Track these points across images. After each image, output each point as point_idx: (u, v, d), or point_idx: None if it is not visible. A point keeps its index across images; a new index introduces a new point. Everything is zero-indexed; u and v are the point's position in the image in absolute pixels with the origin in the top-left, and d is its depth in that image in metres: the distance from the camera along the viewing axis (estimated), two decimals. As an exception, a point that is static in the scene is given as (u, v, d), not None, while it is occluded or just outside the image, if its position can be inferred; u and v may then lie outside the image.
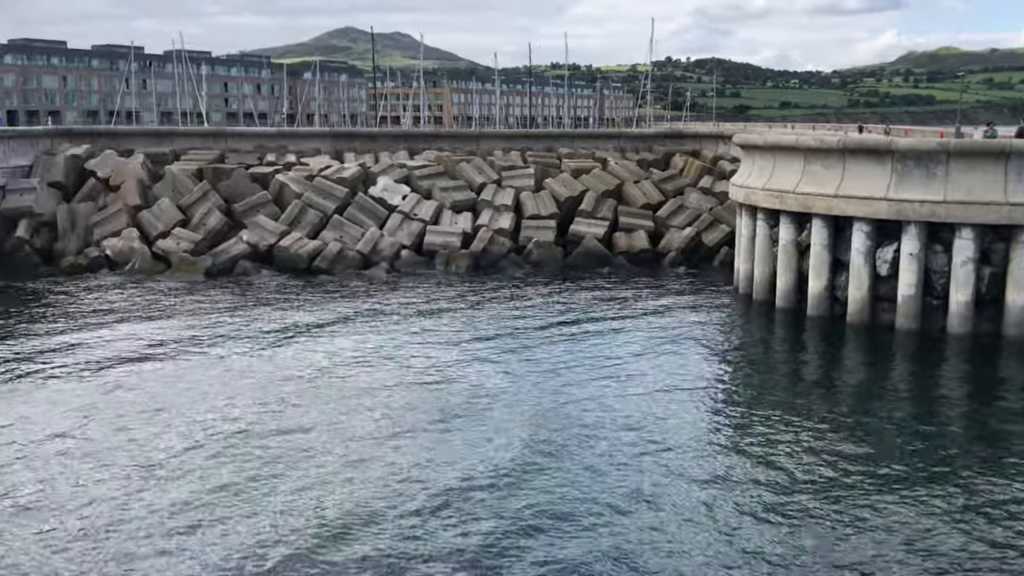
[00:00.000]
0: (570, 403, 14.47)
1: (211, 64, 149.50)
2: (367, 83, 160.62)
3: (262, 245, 26.97)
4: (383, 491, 10.99)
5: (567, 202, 29.86)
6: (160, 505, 10.62)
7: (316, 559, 9.37)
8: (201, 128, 47.28)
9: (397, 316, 20.95)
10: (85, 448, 12.45)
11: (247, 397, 14.70)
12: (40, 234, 28.24)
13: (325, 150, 33.63)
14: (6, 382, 15.58)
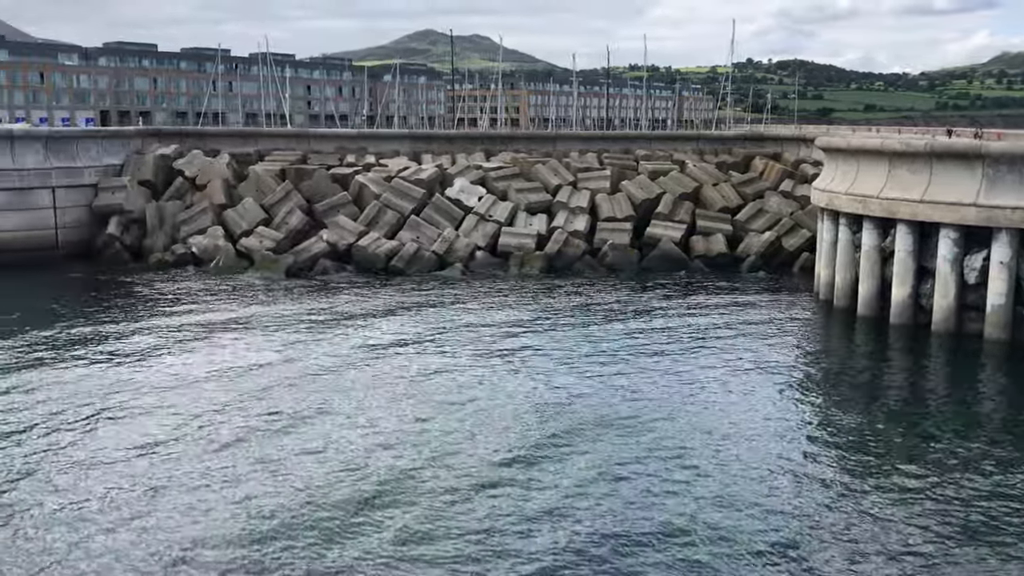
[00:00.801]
0: (646, 410, 14.32)
1: (295, 67, 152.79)
2: (445, 85, 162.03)
3: (341, 244, 27.43)
4: (480, 495, 11.00)
5: (643, 204, 29.64)
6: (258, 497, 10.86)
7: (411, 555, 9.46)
8: (284, 129, 48.37)
9: (472, 317, 21.06)
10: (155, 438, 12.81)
11: (322, 392, 14.94)
12: (130, 231, 29.21)
13: (404, 152, 34.02)
14: (100, 369, 16.13)
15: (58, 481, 11.28)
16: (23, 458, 12.00)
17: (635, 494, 11.01)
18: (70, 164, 29.37)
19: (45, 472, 11.56)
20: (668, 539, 9.89)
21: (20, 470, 11.60)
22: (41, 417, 13.68)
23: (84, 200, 29.50)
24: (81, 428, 13.24)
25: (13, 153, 28.24)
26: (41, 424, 13.36)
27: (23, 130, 30.61)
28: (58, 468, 11.68)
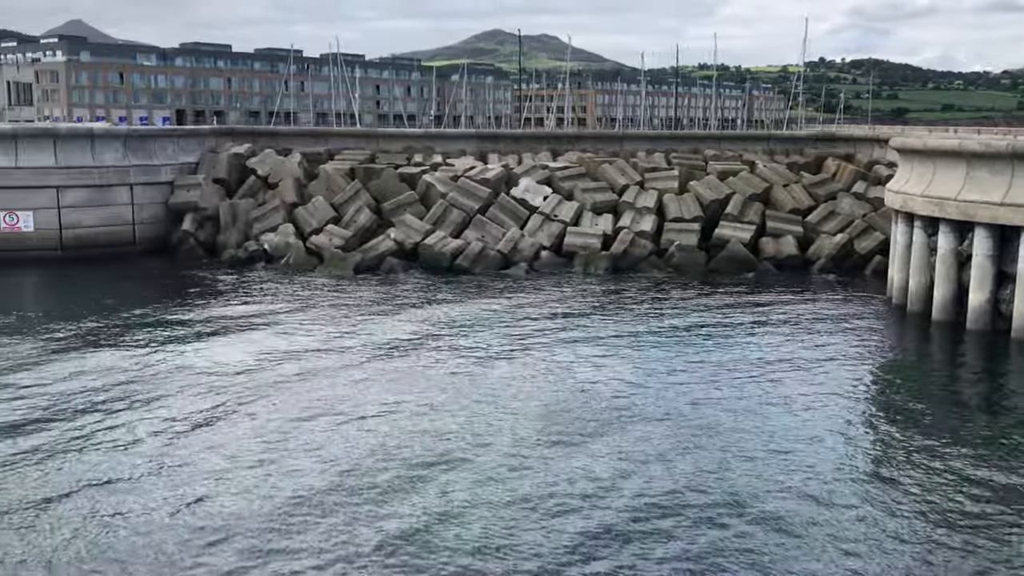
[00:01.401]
0: (715, 413, 14.13)
1: (364, 67, 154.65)
2: (512, 85, 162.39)
3: (408, 243, 27.70)
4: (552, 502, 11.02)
5: (712, 205, 29.30)
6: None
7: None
8: (354, 129, 49.02)
9: (536, 316, 21.08)
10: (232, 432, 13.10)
11: (389, 388, 15.11)
12: (204, 227, 29.92)
13: (470, 151, 34.21)
14: (181, 355, 16.57)
15: (167, 450, 11.61)
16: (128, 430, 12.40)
17: (708, 499, 10.87)
18: (148, 162, 30.22)
19: (154, 441, 11.91)
20: (738, 541, 9.75)
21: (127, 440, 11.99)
22: (126, 393, 14.12)
23: (161, 197, 30.32)
24: (161, 404, 13.65)
25: (94, 151, 29.17)
26: (125, 399, 13.79)
27: (103, 129, 31.56)
28: (164, 437, 12.04)
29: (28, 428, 13.08)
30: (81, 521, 10.12)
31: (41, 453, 12.12)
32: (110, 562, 9.23)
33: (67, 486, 11.05)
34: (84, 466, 11.69)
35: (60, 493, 10.84)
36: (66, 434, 12.84)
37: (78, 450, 12.26)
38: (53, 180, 28.42)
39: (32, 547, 9.51)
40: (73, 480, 11.23)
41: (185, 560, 9.27)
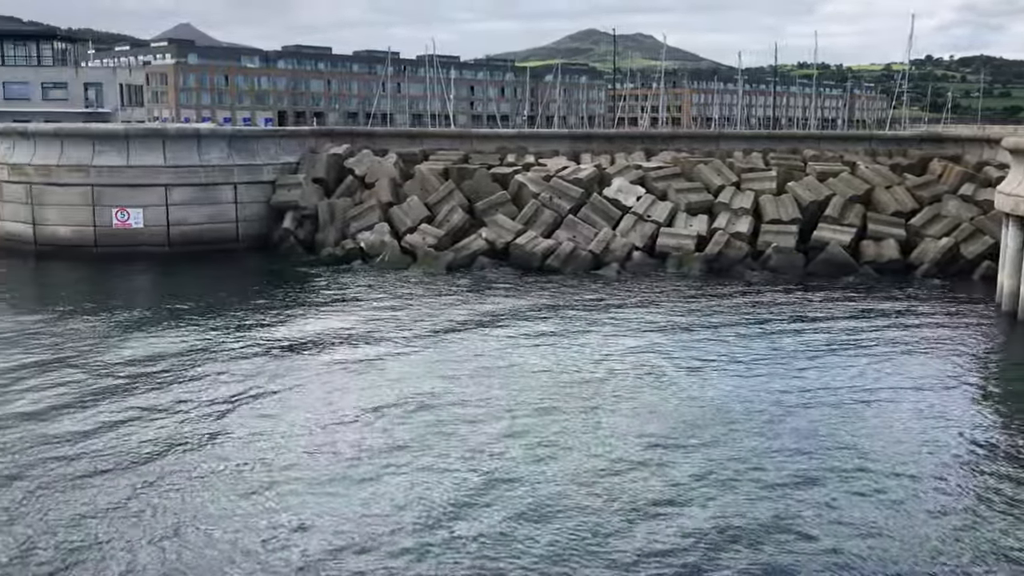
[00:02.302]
0: (815, 422, 13.74)
1: (459, 68, 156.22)
2: (606, 84, 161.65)
3: (499, 242, 27.89)
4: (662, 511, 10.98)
5: (811, 207, 28.61)
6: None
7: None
8: (448, 130, 49.63)
9: (628, 317, 20.95)
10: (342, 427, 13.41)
11: (488, 385, 15.25)
12: (303, 226, 30.71)
13: (563, 151, 34.20)
14: (277, 356, 17.09)
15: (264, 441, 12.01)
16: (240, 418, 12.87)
17: (811, 510, 10.66)
18: (251, 162, 31.18)
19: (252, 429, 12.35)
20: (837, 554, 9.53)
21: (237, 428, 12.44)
22: (237, 379, 14.66)
23: (263, 196, 31.25)
24: (270, 395, 14.09)
25: (200, 151, 30.25)
26: (235, 384, 14.32)
27: (209, 129, 32.69)
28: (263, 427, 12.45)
29: (144, 407, 13.67)
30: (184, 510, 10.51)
31: (160, 436, 12.65)
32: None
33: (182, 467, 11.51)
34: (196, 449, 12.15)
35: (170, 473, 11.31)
36: (177, 415, 13.38)
37: (190, 433, 12.74)
38: (162, 178, 29.59)
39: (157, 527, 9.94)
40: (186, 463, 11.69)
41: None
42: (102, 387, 15.08)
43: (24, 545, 9.51)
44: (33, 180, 29.66)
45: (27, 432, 12.83)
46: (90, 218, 29.28)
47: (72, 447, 12.28)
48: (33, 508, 10.39)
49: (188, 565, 9.16)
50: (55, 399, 14.40)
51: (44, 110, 70.02)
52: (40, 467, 11.58)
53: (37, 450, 12.16)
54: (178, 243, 29.67)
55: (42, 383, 15.24)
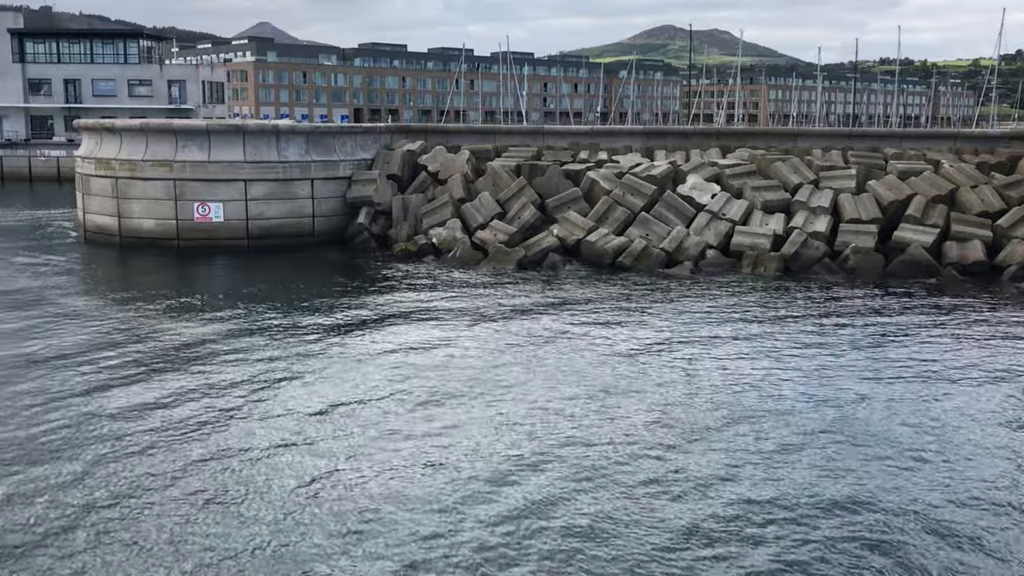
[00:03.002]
0: (891, 429, 13.42)
1: (533, 65, 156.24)
2: (682, 81, 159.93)
3: (570, 239, 27.81)
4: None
5: (892, 206, 27.84)
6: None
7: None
8: (521, 127, 49.68)
9: (701, 316, 20.69)
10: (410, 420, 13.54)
11: (560, 383, 15.22)
12: (377, 221, 31.10)
13: (636, 148, 33.92)
14: (350, 347, 17.35)
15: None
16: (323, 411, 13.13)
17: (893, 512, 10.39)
18: (327, 158, 31.68)
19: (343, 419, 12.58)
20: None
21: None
22: (313, 370, 14.94)
23: (339, 192, 31.73)
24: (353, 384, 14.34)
25: (279, 147, 30.84)
26: (312, 375, 14.59)
27: (288, 126, 33.31)
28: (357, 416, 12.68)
29: (224, 396, 14.01)
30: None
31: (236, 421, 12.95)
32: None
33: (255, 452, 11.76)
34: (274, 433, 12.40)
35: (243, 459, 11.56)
36: (254, 403, 13.68)
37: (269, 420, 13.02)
38: (241, 173, 30.26)
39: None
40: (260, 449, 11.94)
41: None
42: (177, 369, 15.53)
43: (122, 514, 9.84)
44: (119, 174, 30.62)
45: (127, 409, 13.28)
46: (173, 212, 30.11)
47: (155, 423, 12.67)
48: (136, 486, 10.74)
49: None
50: (137, 382, 14.88)
51: (130, 106, 72.35)
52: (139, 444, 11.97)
53: (137, 425, 12.57)
54: (256, 237, 30.32)
55: (124, 366, 15.76)
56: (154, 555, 9.24)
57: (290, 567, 9.06)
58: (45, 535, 9.62)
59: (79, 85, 75.43)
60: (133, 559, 9.16)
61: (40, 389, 14.62)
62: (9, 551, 9.27)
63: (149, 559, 9.16)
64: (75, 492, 10.67)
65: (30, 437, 12.43)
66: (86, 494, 10.63)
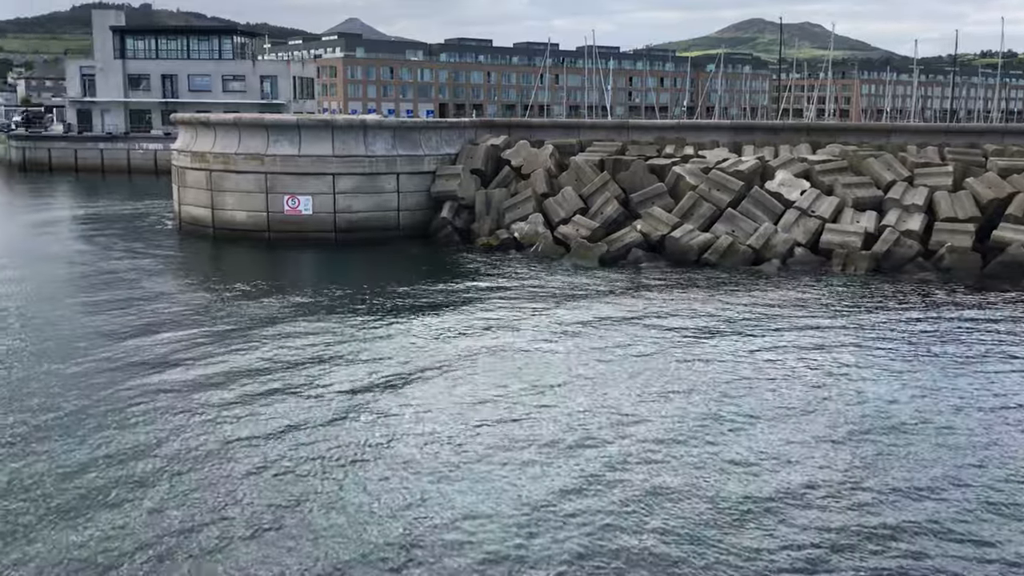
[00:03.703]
0: (995, 439, 12.89)
1: (618, 59, 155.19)
2: (771, 75, 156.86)
3: (654, 235, 27.54)
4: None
5: (991, 205, 26.79)
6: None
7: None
8: (605, 121, 49.37)
9: (790, 316, 20.23)
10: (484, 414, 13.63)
11: (648, 380, 15.11)
12: (460, 215, 31.34)
13: (723, 143, 33.39)
14: (433, 339, 17.54)
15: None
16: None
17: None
18: (413, 153, 32.05)
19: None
20: None
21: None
22: (401, 360, 15.18)
23: (423, 186, 32.07)
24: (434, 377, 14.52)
25: (366, 142, 31.33)
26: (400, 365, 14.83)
27: (375, 121, 33.80)
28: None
29: (306, 378, 14.34)
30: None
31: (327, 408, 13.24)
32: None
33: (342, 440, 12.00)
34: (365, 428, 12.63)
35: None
36: (343, 394, 13.95)
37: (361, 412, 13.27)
38: (330, 167, 30.85)
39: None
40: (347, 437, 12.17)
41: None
42: (265, 358, 15.92)
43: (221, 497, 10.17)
44: (213, 167, 31.55)
45: (223, 392, 13.72)
46: (264, 204, 30.88)
47: (244, 409, 13.04)
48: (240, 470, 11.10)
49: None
50: (228, 370, 15.32)
51: (224, 101, 74.46)
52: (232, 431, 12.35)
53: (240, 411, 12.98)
54: (343, 230, 30.87)
55: (214, 353, 16.24)
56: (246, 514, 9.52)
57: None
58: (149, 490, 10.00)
59: (176, 80, 77.96)
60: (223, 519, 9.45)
61: (131, 364, 15.22)
62: (105, 503, 9.66)
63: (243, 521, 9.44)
64: (152, 458, 11.06)
65: (121, 406, 12.93)
66: (167, 460, 11.01)
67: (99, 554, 9.10)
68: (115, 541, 9.34)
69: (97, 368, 15.52)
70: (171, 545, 9.28)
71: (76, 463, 11.27)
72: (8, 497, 10.32)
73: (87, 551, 9.12)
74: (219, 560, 9.04)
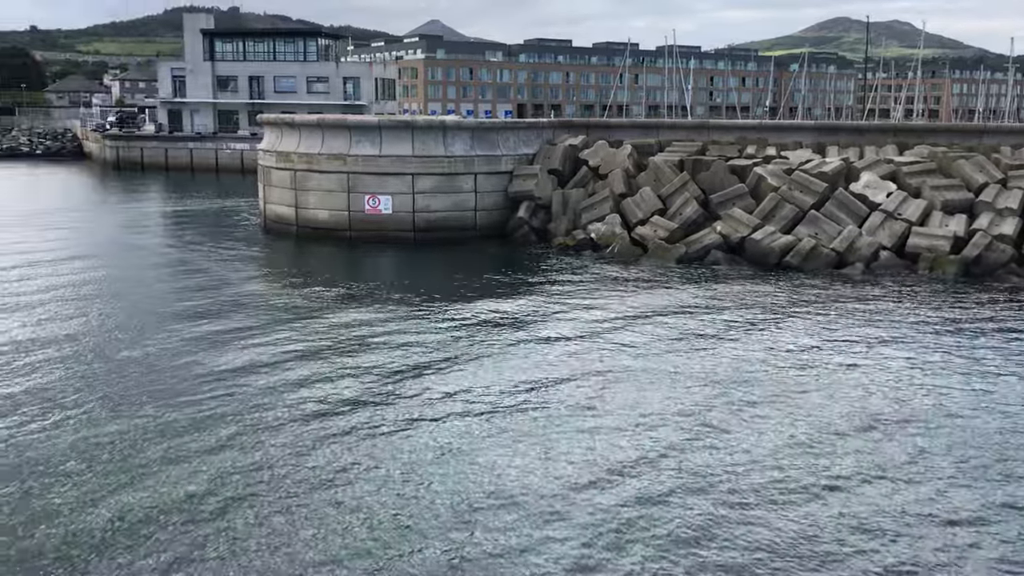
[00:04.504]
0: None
1: (699, 58, 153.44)
2: (857, 74, 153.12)
3: (734, 237, 27.17)
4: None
5: (1090, 208, 25.67)
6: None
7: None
8: (685, 121, 48.86)
9: (877, 322, 19.67)
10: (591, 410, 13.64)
11: (730, 385, 14.96)
12: (537, 215, 31.40)
13: (807, 143, 32.72)
14: (510, 340, 17.65)
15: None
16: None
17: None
18: (491, 153, 32.23)
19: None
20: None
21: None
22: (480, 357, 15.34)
23: (500, 186, 32.24)
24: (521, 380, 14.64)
25: (445, 142, 31.64)
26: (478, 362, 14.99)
27: (454, 121, 34.10)
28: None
29: (385, 377, 14.58)
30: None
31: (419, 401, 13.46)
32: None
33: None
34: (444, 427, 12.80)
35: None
36: (428, 390, 14.16)
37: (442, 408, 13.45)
38: (409, 168, 31.24)
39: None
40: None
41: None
42: (342, 351, 16.25)
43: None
44: (297, 167, 32.26)
45: (308, 383, 14.08)
46: (345, 203, 31.45)
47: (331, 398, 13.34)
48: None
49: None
50: (306, 359, 15.69)
51: (308, 102, 76.03)
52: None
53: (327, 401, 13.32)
54: (422, 229, 31.23)
55: (298, 347, 16.65)
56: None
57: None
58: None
59: (262, 82, 79.90)
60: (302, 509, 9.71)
61: (213, 360, 15.71)
62: (204, 495, 10.05)
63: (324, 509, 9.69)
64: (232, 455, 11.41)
65: (205, 403, 13.37)
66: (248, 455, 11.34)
67: (217, 486, 9.99)
68: (223, 483, 9.84)
69: (185, 347, 16.51)
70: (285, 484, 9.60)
71: (168, 421, 12.78)
72: (131, 446, 11.34)
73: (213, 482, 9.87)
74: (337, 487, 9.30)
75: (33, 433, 12.30)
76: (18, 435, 12.20)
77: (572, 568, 9.02)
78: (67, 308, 20.19)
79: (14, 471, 11.05)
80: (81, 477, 10.91)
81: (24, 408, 13.29)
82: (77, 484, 10.69)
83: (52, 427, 12.52)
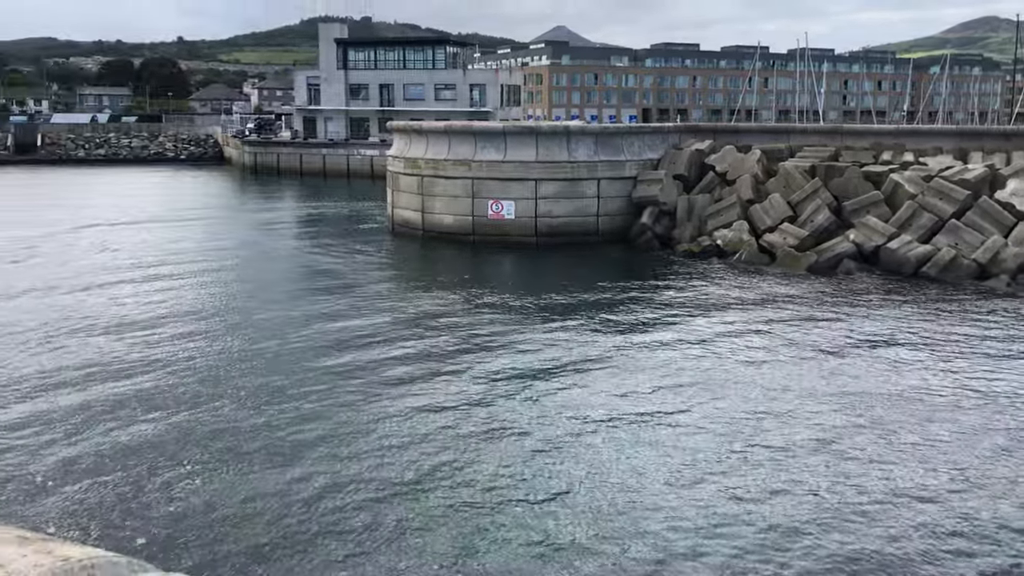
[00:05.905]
0: None
1: (832, 61, 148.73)
2: (1004, 76, 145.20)
3: (868, 246, 26.17)
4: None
5: None
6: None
7: None
8: (817, 125, 47.37)
9: (1019, 340, 18.63)
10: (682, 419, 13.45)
11: (866, 402, 14.47)
12: (660, 221, 31.07)
13: (947, 149, 31.20)
14: (629, 345, 17.54)
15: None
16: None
17: None
18: (614, 158, 32.10)
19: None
20: None
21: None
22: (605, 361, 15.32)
23: (624, 191, 32.06)
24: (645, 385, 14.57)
25: (568, 147, 31.70)
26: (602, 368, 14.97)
27: (578, 127, 34.16)
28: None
29: (510, 381, 14.73)
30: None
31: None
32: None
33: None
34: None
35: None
36: (563, 395, 14.25)
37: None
38: (533, 173, 31.44)
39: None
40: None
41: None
42: (468, 352, 16.48)
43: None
44: (424, 173, 32.94)
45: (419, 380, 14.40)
46: (469, 208, 31.91)
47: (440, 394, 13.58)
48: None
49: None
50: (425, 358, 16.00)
51: (435, 109, 77.52)
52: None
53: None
54: (544, 234, 31.37)
55: (419, 345, 17.00)
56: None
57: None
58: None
59: (392, 90, 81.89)
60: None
61: (342, 361, 16.20)
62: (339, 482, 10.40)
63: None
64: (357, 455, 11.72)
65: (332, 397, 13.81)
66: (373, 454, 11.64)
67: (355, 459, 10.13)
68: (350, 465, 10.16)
69: (319, 343, 17.26)
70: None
71: (298, 413, 13.33)
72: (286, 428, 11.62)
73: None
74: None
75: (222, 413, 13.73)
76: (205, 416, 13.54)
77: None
78: (224, 301, 21.48)
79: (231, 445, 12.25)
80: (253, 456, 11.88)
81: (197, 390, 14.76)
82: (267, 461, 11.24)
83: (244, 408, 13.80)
